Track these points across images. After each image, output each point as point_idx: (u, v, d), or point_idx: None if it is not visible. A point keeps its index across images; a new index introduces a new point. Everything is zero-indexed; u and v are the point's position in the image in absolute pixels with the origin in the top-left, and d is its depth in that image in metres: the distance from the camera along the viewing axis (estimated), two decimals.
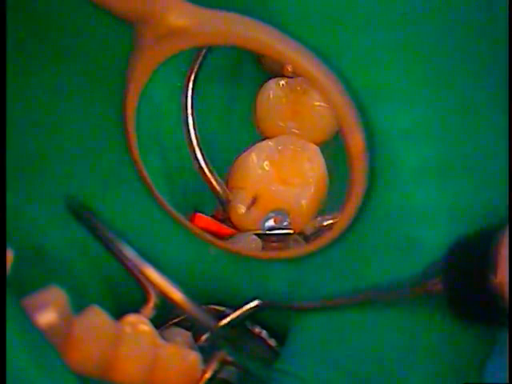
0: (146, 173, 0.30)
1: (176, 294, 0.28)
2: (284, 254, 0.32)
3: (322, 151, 0.34)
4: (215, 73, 0.32)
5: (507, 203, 0.26)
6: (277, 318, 0.33)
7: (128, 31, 0.24)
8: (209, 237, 0.32)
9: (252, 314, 0.31)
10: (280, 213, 0.34)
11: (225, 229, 0.34)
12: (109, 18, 0.23)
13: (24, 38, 0.28)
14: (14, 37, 0.27)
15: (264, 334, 0.33)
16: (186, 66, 0.31)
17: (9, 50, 0.25)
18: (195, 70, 0.31)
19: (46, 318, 0.23)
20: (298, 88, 0.34)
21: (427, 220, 0.28)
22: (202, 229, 0.33)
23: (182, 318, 0.33)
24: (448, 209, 0.28)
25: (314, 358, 0.29)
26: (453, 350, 0.28)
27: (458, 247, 0.26)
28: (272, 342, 0.33)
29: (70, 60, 0.29)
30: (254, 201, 0.34)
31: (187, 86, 0.31)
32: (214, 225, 0.34)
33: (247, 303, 0.32)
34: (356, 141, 0.26)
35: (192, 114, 0.32)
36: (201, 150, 0.32)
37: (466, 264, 0.25)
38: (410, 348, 0.28)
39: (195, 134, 0.32)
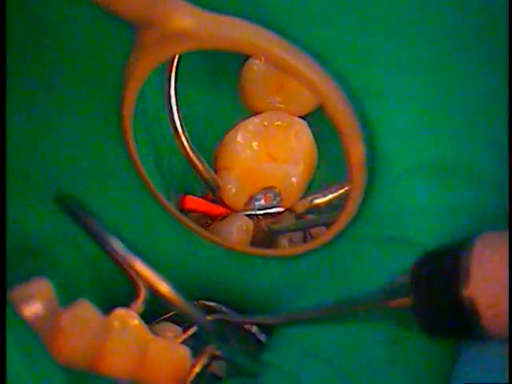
0: (140, 166, 0.30)
1: (164, 288, 0.28)
2: (276, 253, 0.33)
3: (309, 123, 0.34)
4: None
5: (507, 205, 0.26)
6: (267, 312, 0.33)
7: (126, 31, 0.24)
8: (201, 230, 0.32)
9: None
10: (270, 191, 0.34)
11: (216, 208, 0.34)
12: (107, 18, 0.23)
13: (24, 37, 0.28)
14: (14, 36, 0.27)
15: (254, 328, 0.33)
16: None
17: (8, 49, 0.26)
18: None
19: (32, 309, 0.23)
20: None
21: (420, 220, 0.28)
22: (194, 210, 0.33)
23: (173, 313, 0.33)
24: (441, 209, 0.28)
25: (303, 353, 0.29)
26: (439, 361, 0.28)
27: (425, 261, 0.25)
28: (262, 338, 0.33)
29: (67, 59, 0.29)
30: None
31: (170, 71, 0.31)
32: (206, 205, 0.34)
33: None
34: (357, 152, 0.26)
35: (176, 102, 0.32)
36: (186, 137, 0.32)
37: (434, 278, 0.24)
38: (394, 353, 0.28)
39: (180, 121, 0.32)
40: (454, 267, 0.23)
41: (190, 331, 0.30)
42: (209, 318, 0.30)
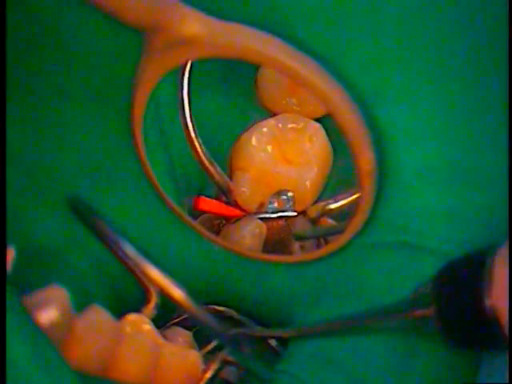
0: (150, 170, 0.30)
1: (177, 293, 0.28)
2: (287, 259, 0.32)
3: (325, 126, 0.34)
4: None
5: (507, 211, 0.26)
6: (278, 319, 0.33)
7: (137, 37, 0.24)
8: (211, 235, 0.32)
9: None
10: (284, 194, 0.34)
11: (230, 210, 0.34)
12: (117, 25, 0.23)
13: (34, 40, 0.28)
14: (24, 38, 0.27)
15: None
16: None
17: (18, 50, 0.26)
18: None
19: (47, 315, 0.23)
20: None
21: (429, 227, 0.28)
22: (207, 211, 0.33)
23: (183, 317, 0.33)
24: (453, 214, 0.28)
25: (316, 360, 0.29)
26: (450, 368, 0.28)
27: (448, 270, 0.25)
28: (273, 343, 0.33)
29: (77, 62, 0.29)
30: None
31: (183, 73, 0.31)
32: (219, 207, 0.34)
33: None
34: (366, 160, 0.26)
35: (189, 104, 0.32)
36: (199, 141, 0.32)
37: (456, 287, 0.24)
38: (406, 361, 0.28)
39: (192, 124, 0.32)
40: (476, 276, 0.23)
41: (211, 345, 0.30)
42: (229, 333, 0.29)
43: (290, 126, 0.35)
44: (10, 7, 0.24)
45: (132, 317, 0.28)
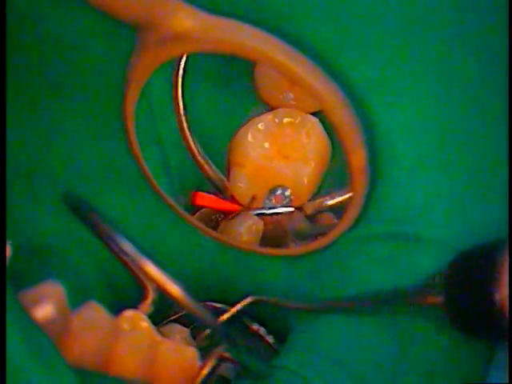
0: (145, 165, 0.30)
1: (175, 289, 0.28)
2: (283, 252, 0.32)
3: (323, 121, 0.34)
4: None
5: (507, 204, 0.26)
6: (275, 315, 0.33)
7: (129, 32, 0.24)
8: (208, 230, 0.32)
9: (247, 310, 0.30)
10: (281, 190, 0.34)
11: (227, 205, 0.34)
12: (110, 20, 0.23)
13: (25, 37, 0.28)
14: (17, 35, 0.27)
15: (262, 331, 0.33)
16: None
17: (9, 47, 0.26)
18: None
19: (43, 312, 0.23)
20: None
21: (425, 217, 0.28)
22: (204, 206, 0.33)
23: (180, 314, 0.33)
24: (446, 206, 0.28)
25: (314, 355, 0.29)
26: (449, 364, 0.28)
27: (460, 261, 0.26)
28: (270, 339, 0.33)
29: (70, 58, 0.29)
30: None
31: (177, 68, 0.31)
32: (217, 202, 0.34)
33: (244, 300, 0.32)
34: (358, 158, 0.26)
35: (183, 101, 0.32)
36: (193, 139, 0.32)
37: (467, 278, 0.25)
38: (404, 356, 0.28)
39: (187, 122, 0.32)
40: (486, 270, 0.23)
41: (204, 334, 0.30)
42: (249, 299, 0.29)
43: (286, 120, 0.34)
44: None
45: (129, 313, 0.28)
